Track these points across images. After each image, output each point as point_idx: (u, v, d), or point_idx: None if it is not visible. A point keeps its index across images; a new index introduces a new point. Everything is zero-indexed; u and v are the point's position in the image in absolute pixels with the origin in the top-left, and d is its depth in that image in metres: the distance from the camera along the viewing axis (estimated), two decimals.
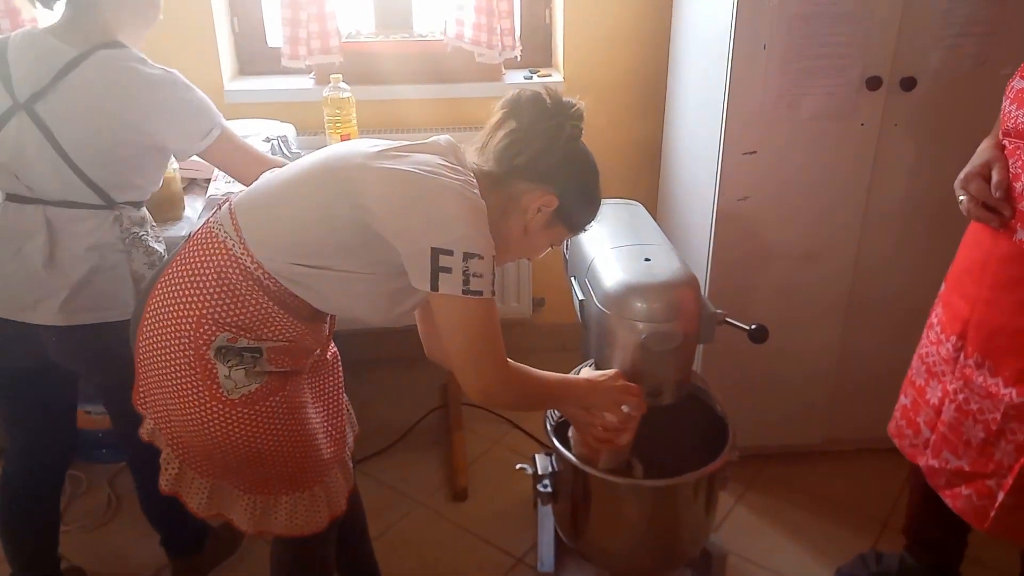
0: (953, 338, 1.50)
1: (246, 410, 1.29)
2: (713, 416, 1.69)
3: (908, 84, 1.86)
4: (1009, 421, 1.39)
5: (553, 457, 1.72)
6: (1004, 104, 1.40)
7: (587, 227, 1.44)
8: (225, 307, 1.26)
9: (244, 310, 1.26)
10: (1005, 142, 1.40)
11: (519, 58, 2.49)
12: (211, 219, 1.33)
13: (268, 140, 2.19)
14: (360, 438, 2.42)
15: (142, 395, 1.37)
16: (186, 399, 1.29)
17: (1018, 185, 1.33)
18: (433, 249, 1.19)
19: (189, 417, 1.30)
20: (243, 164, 1.63)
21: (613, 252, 1.62)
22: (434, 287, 1.20)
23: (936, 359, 1.55)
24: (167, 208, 1.97)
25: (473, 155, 1.34)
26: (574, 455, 1.59)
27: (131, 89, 1.48)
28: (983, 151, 1.42)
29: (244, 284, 1.26)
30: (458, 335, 1.25)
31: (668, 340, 1.48)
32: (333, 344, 1.53)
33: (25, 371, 1.64)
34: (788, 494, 2.23)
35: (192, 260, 1.29)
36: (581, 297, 1.63)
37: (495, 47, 2.39)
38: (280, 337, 1.30)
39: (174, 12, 2.34)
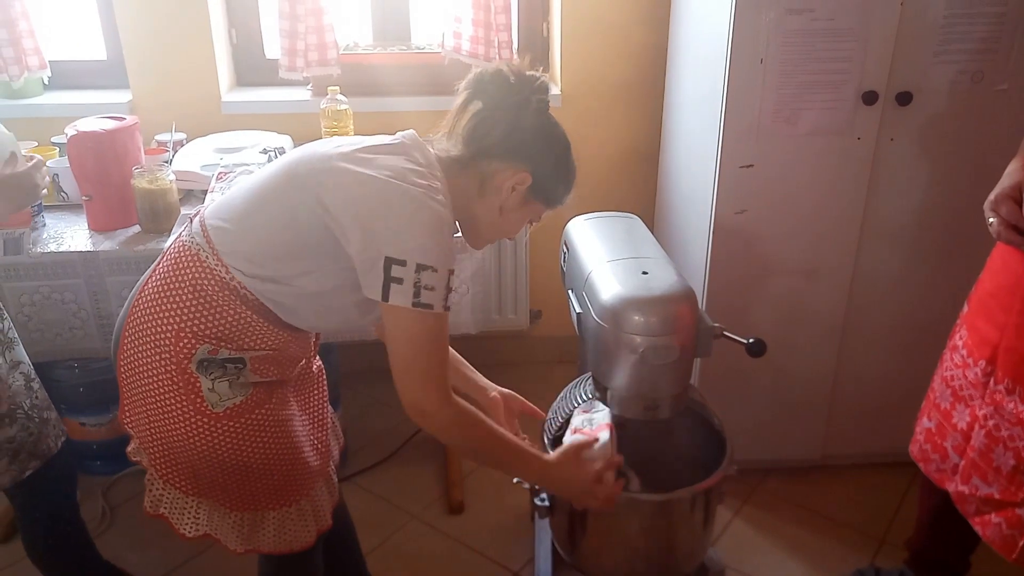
0: (982, 363, 1.46)
1: (231, 423, 1.28)
2: (711, 430, 1.69)
3: (904, 99, 1.87)
4: None
5: None
6: None
7: (564, 200, 1.39)
8: (203, 319, 1.25)
9: (222, 321, 1.25)
10: None
11: None
12: (183, 232, 1.32)
13: (265, 152, 2.18)
14: (355, 450, 2.41)
15: (127, 413, 1.36)
16: (170, 414, 1.28)
17: None
18: (387, 258, 1.16)
19: (174, 432, 1.29)
20: None
21: (610, 265, 1.61)
22: (384, 297, 1.18)
23: (963, 383, 1.51)
24: (164, 219, 1.96)
25: (441, 141, 1.33)
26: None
27: None
28: (1012, 172, 1.39)
29: (220, 295, 1.25)
30: (401, 346, 1.21)
31: (665, 354, 1.48)
32: (318, 358, 1.53)
33: None
34: (786, 509, 2.22)
35: (167, 275, 1.28)
36: (579, 310, 1.62)
37: (492, 59, 2.40)
38: (263, 346, 1.29)
39: (171, 23, 2.36)
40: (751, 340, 1.55)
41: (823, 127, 1.89)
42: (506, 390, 1.64)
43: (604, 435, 1.46)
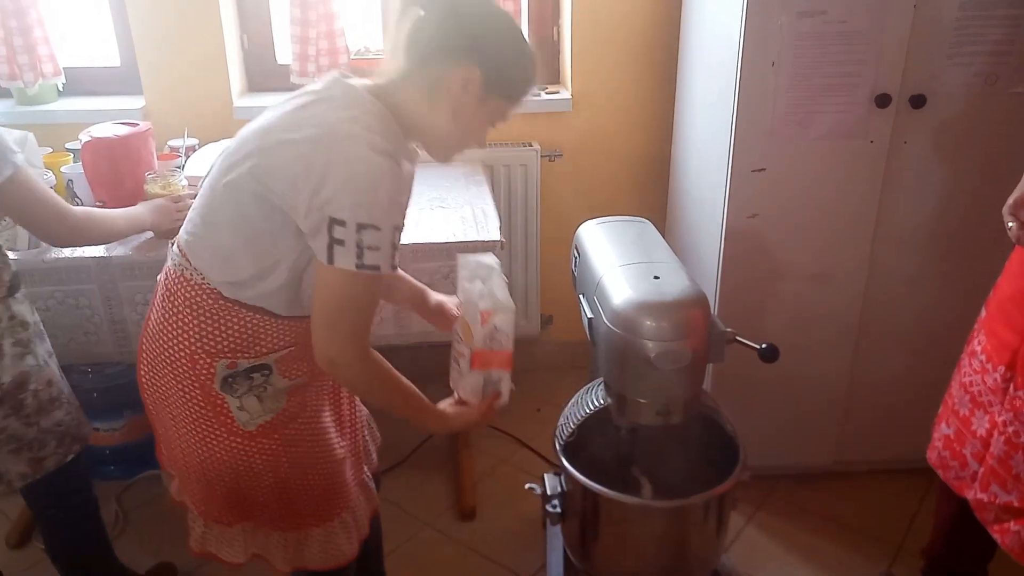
0: (1001, 368, 1.44)
1: (266, 441, 1.27)
2: (724, 436, 1.68)
3: (918, 102, 1.85)
4: None
5: (562, 477, 1.71)
6: None
7: (528, 93, 1.26)
8: (211, 336, 1.23)
9: (230, 332, 1.23)
10: None
11: None
12: (167, 256, 1.30)
13: None
14: None
15: (163, 451, 1.37)
16: (205, 441, 1.27)
17: None
18: (330, 219, 1.10)
19: (210, 459, 1.28)
20: (42, 218, 1.49)
21: (622, 270, 1.61)
22: (329, 259, 1.11)
23: (982, 388, 1.49)
24: (177, 224, 1.97)
25: (387, 62, 1.23)
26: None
27: None
28: None
29: (217, 306, 1.22)
30: (331, 304, 1.15)
31: (677, 359, 1.47)
32: None
33: None
34: (799, 515, 2.20)
35: (163, 304, 1.27)
36: (590, 315, 1.62)
37: None
38: (281, 344, 1.26)
39: (184, 29, 2.37)
40: (764, 345, 1.54)
41: (836, 130, 1.88)
42: (438, 297, 1.57)
43: (476, 378, 1.39)
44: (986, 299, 1.56)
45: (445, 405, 1.40)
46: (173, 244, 1.30)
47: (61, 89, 2.48)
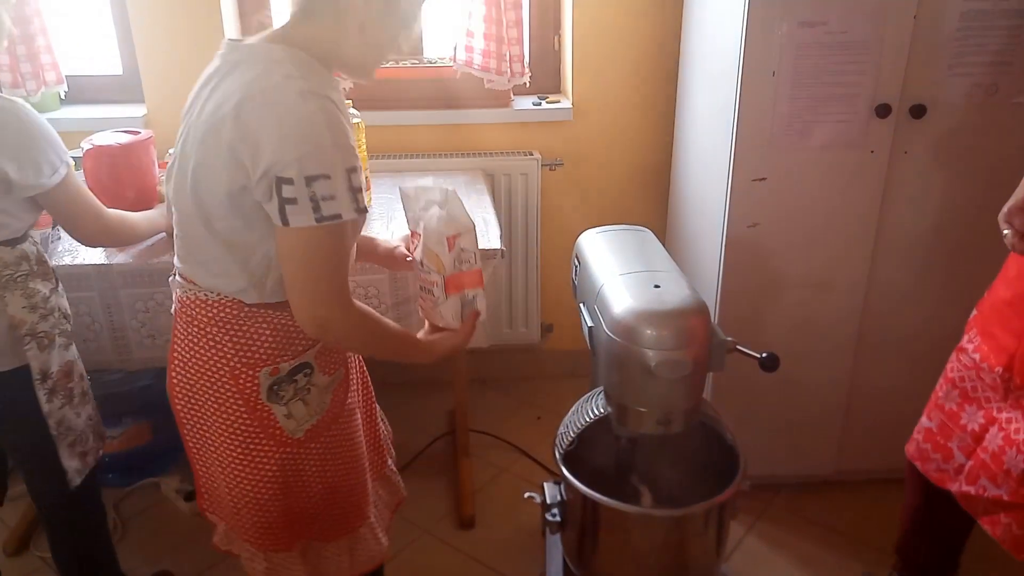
0: (999, 369, 1.47)
1: (314, 445, 1.28)
2: (723, 445, 1.67)
3: (918, 112, 1.86)
4: None
5: (562, 486, 1.70)
6: None
7: None
8: (246, 346, 1.22)
9: (263, 337, 1.22)
10: None
11: (528, 84, 2.50)
12: (176, 293, 1.29)
13: None
14: None
15: (206, 499, 1.36)
16: (254, 460, 1.26)
17: None
18: (276, 179, 1.06)
19: (262, 477, 1.27)
20: (83, 218, 1.54)
21: (622, 279, 1.61)
22: (284, 221, 1.07)
23: (976, 384, 1.52)
24: None
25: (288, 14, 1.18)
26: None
27: None
28: None
29: (244, 315, 1.21)
30: (301, 267, 1.11)
31: (678, 368, 1.47)
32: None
33: None
34: (799, 525, 2.20)
35: (189, 331, 1.25)
36: (590, 324, 1.62)
37: (504, 73, 2.40)
38: (313, 339, 1.25)
39: (186, 37, 2.38)
40: (764, 355, 1.54)
41: (836, 140, 1.89)
42: (387, 243, 1.56)
43: (454, 302, 1.37)
44: (979, 300, 1.58)
45: (424, 335, 1.39)
46: (173, 276, 1.30)
47: (63, 97, 2.49)
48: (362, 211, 1.11)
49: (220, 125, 1.10)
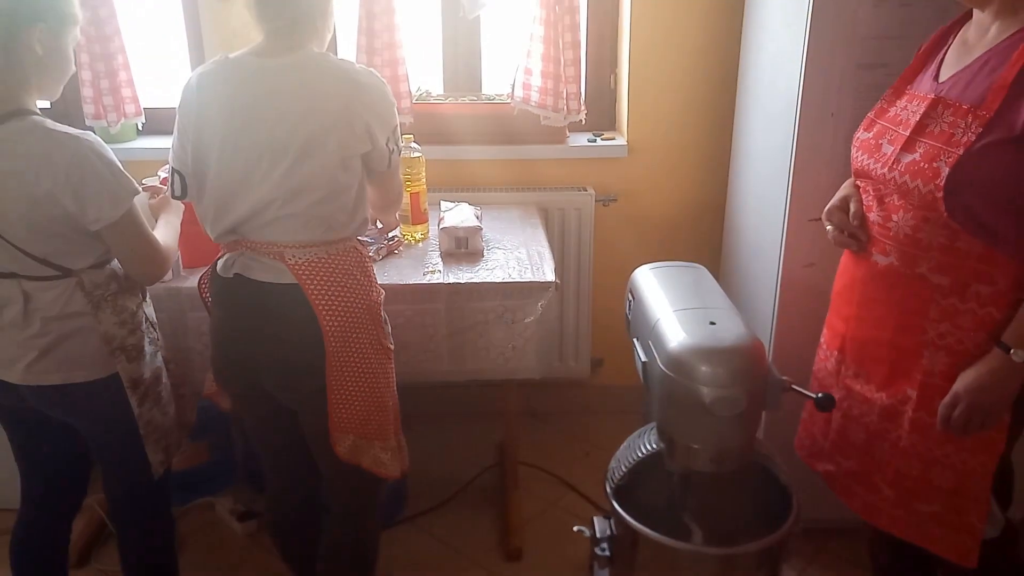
0: (835, 352, 1.65)
1: (390, 354, 1.66)
2: (777, 486, 1.65)
3: None
4: (883, 421, 1.54)
5: (612, 520, 1.70)
6: (852, 151, 1.57)
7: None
8: (372, 281, 1.62)
9: (371, 272, 1.62)
10: (858, 182, 1.57)
11: (583, 121, 2.54)
12: (269, 280, 1.56)
13: None
14: (415, 493, 2.42)
15: (336, 425, 1.59)
16: (377, 372, 1.61)
17: (871, 216, 1.50)
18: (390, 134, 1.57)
19: (382, 385, 1.62)
20: (139, 257, 1.58)
21: (677, 315, 1.62)
22: (389, 165, 1.60)
23: (824, 372, 1.69)
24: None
25: (285, 39, 1.56)
26: None
27: (39, 158, 1.43)
28: (843, 188, 1.61)
29: (363, 256, 1.60)
30: (391, 190, 1.71)
31: (733, 406, 1.47)
32: None
33: (30, 423, 1.68)
34: (852, 572, 2.14)
35: (331, 283, 1.53)
36: (644, 359, 1.63)
37: (560, 110, 2.45)
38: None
39: None
40: (820, 395, 1.53)
41: None
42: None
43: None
44: None
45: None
46: (271, 258, 1.53)
47: (140, 128, 2.61)
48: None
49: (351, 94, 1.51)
